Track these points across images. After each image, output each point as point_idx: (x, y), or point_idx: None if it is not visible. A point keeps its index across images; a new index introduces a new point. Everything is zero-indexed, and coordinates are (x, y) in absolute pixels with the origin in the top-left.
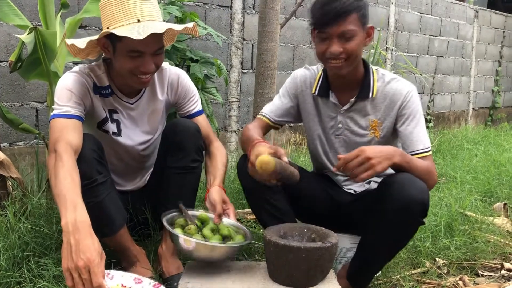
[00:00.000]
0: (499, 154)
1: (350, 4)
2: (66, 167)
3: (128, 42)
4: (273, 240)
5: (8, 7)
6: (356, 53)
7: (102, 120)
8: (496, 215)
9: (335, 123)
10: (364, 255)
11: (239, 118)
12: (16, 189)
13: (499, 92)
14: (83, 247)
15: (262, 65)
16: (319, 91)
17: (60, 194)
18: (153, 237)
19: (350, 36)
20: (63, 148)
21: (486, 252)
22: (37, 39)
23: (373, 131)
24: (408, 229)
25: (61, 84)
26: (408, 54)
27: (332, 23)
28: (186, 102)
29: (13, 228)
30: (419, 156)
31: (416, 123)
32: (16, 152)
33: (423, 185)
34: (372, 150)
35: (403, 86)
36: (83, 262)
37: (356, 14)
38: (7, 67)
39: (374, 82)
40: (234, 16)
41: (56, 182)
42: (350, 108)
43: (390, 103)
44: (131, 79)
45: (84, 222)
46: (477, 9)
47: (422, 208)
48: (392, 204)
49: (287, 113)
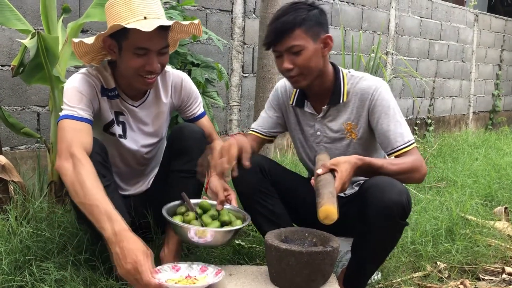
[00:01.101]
0: (500, 158)
1: (292, 21)
2: (91, 174)
3: (135, 39)
4: (274, 244)
5: (10, 12)
6: (309, 66)
7: (108, 122)
8: (497, 219)
9: (314, 131)
10: (356, 258)
11: (240, 122)
12: (17, 193)
13: (499, 96)
14: (128, 252)
15: (263, 69)
16: (296, 102)
17: (93, 205)
18: (155, 242)
19: (298, 51)
20: (81, 152)
21: (487, 256)
22: (39, 43)
23: (349, 134)
24: (391, 232)
25: (71, 84)
26: (409, 58)
27: (277, 41)
28: (190, 105)
29: (14, 232)
30: (401, 153)
31: (389, 119)
32: (18, 156)
33: (401, 186)
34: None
35: (370, 83)
36: (131, 265)
37: (300, 28)
38: (9, 71)
39: (344, 86)
40: (235, 20)
41: (84, 191)
42: (324, 115)
43: (360, 103)
44: (136, 80)
45: (123, 230)
46: (477, 13)
47: (401, 210)
48: (371, 209)
49: (276, 124)
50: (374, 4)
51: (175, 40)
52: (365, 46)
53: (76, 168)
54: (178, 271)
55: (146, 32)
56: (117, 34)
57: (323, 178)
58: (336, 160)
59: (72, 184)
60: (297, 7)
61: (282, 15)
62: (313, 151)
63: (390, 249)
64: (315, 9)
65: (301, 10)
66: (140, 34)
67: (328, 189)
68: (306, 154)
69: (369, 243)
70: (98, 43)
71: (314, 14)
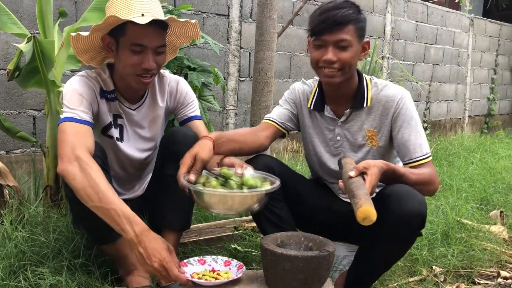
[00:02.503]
0: (495, 162)
1: (349, 15)
2: (102, 177)
3: (131, 35)
4: (270, 248)
5: (6, 16)
6: (350, 63)
7: (106, 125)
8: (492, 223)
9: (334, 136)
10: (361, 265)
11: (236, 125)
12: (13, 197)
13: (494, 100)
14: (152, 251)
15: (259, 73)
16: (314, 105)
17: (110, 208)
18: None
19: (346, 46)
20: (86, 155)
21: (483, 260)
22: (35, 48)
23: (370, 141)
24: (406, 241)
25: (70, 86)
26: (404, 62)
27: (328, 31)
28: (185, 107)
29: (10, 237)
30: (418, 164)
31: (411, 129)
32: (13, 160)
33: (421, 197)
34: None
35: (396, 92)
36: (157, 264)
37: (353, 25)
38: (5, 75)
39: (368, 91)
40: (231, 24)
41: (99, 195)
42: (346, 119)
43: (383, 110)
44: (132, 79)
45: (144, 230)
46: (472, 17)
47: (420, 221)
48: (390, 217)
49: (290, 119)
50: (370, 8)
51: (175, 47)
52: None
53: (85, 171)
54: (203, 265)
55: (143, 29)
56: (115, 31)
57: (355, 180)
58: (367, 163)
59: (83, 189)
60: (350, 5)
61: (336, 7)
62: (328, 156)
63: (399, 258)
64: (362, 14)
65: (353, 8)
66: (136, 30)
67: (363, 190)
68: (317, 158)
69: (379, 250)
70: (97, 41)
71: (363, 17)
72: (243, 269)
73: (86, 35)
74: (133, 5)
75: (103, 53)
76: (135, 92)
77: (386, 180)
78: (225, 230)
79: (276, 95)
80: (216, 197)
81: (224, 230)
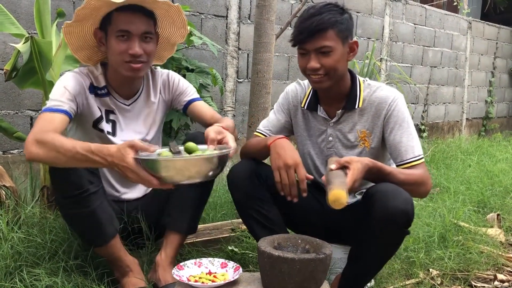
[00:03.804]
0: (493, 165)
1: (326, 21)
2: (55, 137)
3: (116, 22)
4: (267, 251)
5: (3, 16)
6: (335, 68)
7: (97, 118)
8: (489, 226)
9: (326, 136)
10: (353, 266)
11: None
12: (9, 198)
13: (492, 103)
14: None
15: (257, 75)
16: (308, 105)
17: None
18: (147, 247)
19: (327, 51)
20: (44, 133)
21: (480, 263)
22: (33, 48)
23: (362, 142)
24: (393, 239)
25: (58, 82)
26: (402, 64)
27: (308, 39)
28: (181, 95)
29: (6, 238)
30: (409, 165)
31: (403, 131)
32: (10, 160)
33: (406, 195)
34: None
35: (388, 94)
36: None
37: (333, 30)
38: (2, 76)
39: (360, 93)
40: (230, 26)
41: (60, 150)
42: (338, 120)
43: (376, 112)
44: (122, 67)
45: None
46: (470, 20)
47: (405, 219)
48: (375, 215)
49: (283, 128)
50: (368, 10)
51: (172, 43)
52: (360, 52)
53: (42, 143)
54: (200, 267)
55: (127, 16)
56: (104, 23)
57: (334, 172)
58: (350, 158)
59: (48, 156)
60: (330, 8)
61: (315, 14)
62: (320, 158)
63: (389, 257)
64: (346, 14)
65: (334, 12)
66: (121, 17)
67: (339, 179)
68: (311, 160)
69: (369, 250)
70: (90, 36)
71: (346, 18)
72: (239, 271)
73: (72, 22)
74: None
75: (100, 54)
76: (129, 87)
77: (373, 178)
78: (222, 231)
79: (274, 96)
80: (164, 163)
81: (221, 231)
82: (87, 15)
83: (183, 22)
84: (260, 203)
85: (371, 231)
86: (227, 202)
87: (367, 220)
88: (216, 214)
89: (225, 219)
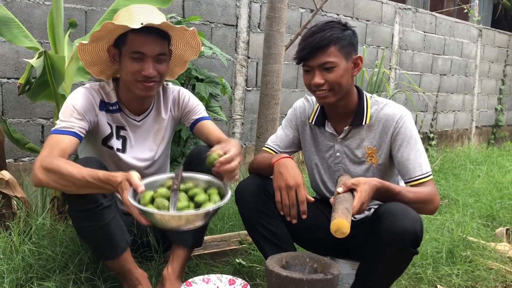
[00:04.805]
0: (502, 176)
1: (328, 37)
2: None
3: (131, 43)
4: (275, 270)
5: (18, 29)
6: (339, 83)
7: (107, 136)
8: (498, 240)
9: (333, 152)
10: (361, 282)
11: (242, 135)
12: (20, 208)
13: (502, 111)
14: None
15: (266, 86)
16: (315, 120)
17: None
18: (156, 260)
19: (330, 67)
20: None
21: (488, 280)
22: (46, 63)
23: (370, 158)
24: (401, 259)
25: (68, 99)
26: (412, 72)
27: (310, 56)
28: (190, 112)
29: (17, 250)
30: (417, 183)
31: (411, 148)
32: (21, 168)
33: (415, 214)
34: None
35: (395, 111)
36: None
37: (335, 46)
38: (14, 85)
39: (367, 109)
40: (240, 34)
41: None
42: (345, 136)
43: (383, 129)
44: (135, 86)
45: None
46: (480, 28)
47: (413, 239)
48: (384, 235)
49: (291, 143)
50: (378, 19)
51: (184, 60)
52: (369, 60)
53: (50, 171)
54: (208, 283)
55: (141, 37)
56: (119, 42)
57: (341, 196)
58: (357, 180)
59: (58, 184)
60: (332, 25)
61: (317, 31)
62: (328, 173)
63: (397, 276)
64: (349, 30)
65: (336, 29)
66: (135, 38)
67: (344, 205)
68: (319, 175)
69: (376, 269)
70: (103, 53)
71: (348, 34)
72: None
73: (88, 43)
74: (135, 15)
75: (113, 68)
76: (140, 104)
77: (381, 198)
78: (230, 243)
79: (283, 105)
80: (150, 214)
81: (228, 243)
82: (102, 36)
83: (198, 44)
84: (267, 219)
85: (379, 250)
86: (235, 213)
87: (375, 239)
88: (224, 225)
89: (233, 230)
